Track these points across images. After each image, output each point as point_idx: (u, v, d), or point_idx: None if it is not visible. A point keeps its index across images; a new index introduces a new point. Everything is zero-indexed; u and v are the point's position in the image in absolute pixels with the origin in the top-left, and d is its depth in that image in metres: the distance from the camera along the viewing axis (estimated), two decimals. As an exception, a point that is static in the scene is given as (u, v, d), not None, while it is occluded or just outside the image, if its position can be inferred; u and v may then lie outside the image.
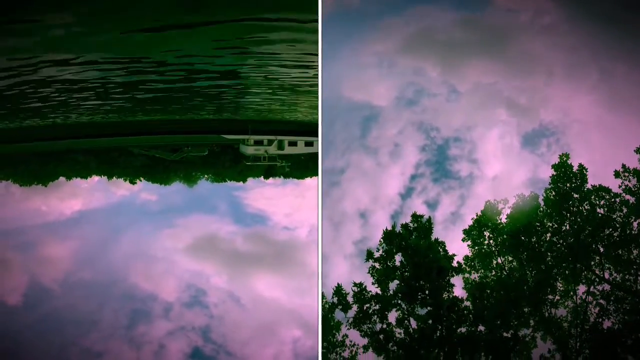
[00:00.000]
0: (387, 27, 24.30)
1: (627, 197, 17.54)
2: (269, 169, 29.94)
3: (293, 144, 26.78)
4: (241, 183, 30.81)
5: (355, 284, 18.21)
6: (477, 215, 19.33)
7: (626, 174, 17.74)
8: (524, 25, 23.56)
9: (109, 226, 26.49)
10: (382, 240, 18.89)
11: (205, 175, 31.51)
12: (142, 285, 22.70)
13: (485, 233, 19.12)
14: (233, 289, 22.99)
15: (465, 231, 19.28)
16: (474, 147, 22.81)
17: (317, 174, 27.41)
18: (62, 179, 29.44)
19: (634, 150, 18.07)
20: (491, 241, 18.94)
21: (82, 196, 28.64)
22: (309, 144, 26.79)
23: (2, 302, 20.84)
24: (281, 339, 20.69)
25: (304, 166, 28.84)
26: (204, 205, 28.98)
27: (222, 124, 25.71)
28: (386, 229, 18.86)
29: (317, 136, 26.62)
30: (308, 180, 29.76)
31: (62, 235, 25.56)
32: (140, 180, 29.73)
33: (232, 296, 22.89)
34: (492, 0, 23.92)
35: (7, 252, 22.93)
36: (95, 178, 29.89)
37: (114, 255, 24.23)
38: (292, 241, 26.06)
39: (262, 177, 30.23)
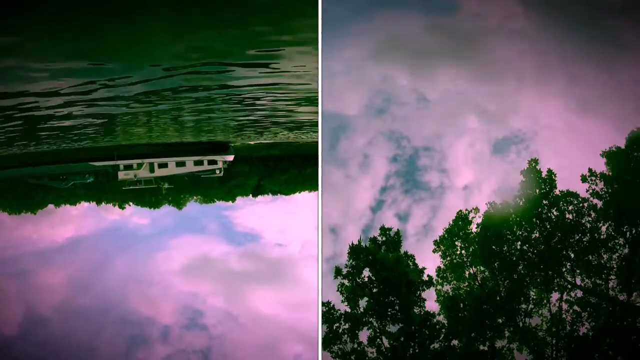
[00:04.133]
0: (356, 33, 25.45)
1: (595, 201, 18.63)
2: (257, 187, 31.55)
3: (163, 165, 28.93)
4: (230, 203, 32.80)
5: (323, 304, 18.93)
6: (449, 225, 20.29)
7: (593, 178, 18.85)
8: (493, 30, 24.93)
9: (102, 251, 27.96)
10: (349, 255, 19.70)
11: (194, 197, 33.27)
12: (139, 309, 23.81)
13: (456, 243, 20.05)
14: (231, 308, 24.25)
15: (435, 242, 20.19)
16: (444, 157, 23.90)
17: (306, 189, 29.25)
18: (50, 206, 30.81)
19: (600, 154, 19.27)
20: (463, 251, 19.87)
21: (73, 223, 30.34)
22: (180, 164, 29.08)
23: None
24: (283, 355, 21.82)
25: (292, 182, 30.29)
26: (195, 226, 31.24)
27: (92, 151, 27.73)
28: (352, 244, 19.69)
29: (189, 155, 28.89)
30: (297, 195, 31.66)
31: (55, 263, 26.85)
32: (130, 205, 31.30)
33: (230, 315, 24.13)
34: (461, 5, 25.32)
35: (1, 281, 24.10)
36: (85, 204, 31.40)
37: (109, 280, 25.48)
38: (286, 257, 27.72)
39: (251, 195, 31.87)
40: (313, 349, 17.69)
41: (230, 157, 29.87)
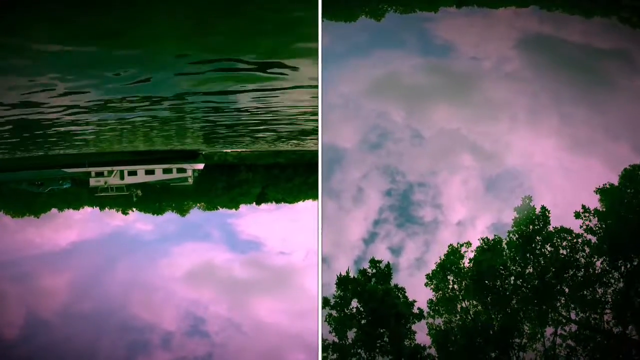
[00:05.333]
0: (354, 69, 26.19)
1: (589, 236, 18.67)
2: (261, 195, 31.94)
3: (133, 173, 29.96)
4: (234, 210, 33.40)
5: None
6: (440, 259, 20.16)
7: (587, 214, 18.97)
8: (488, 72, 25.79)
9: (105, 256, 28.08)
10: (337, 286, 19.46)
11: (198, 204, 33.95)
12: (140, 315, 23.77)
13: (449, 277, 19.85)
14: (233, 316, 24.18)
15: (428, 276, 19.99)
16: (438, 192, 24.06)
17: (310, 197, 29.46)
18: (54, 210, 31.42)
19: (594, 191, 19.49)
20: (455, 285, 19.64)
21: (76, 227, 30.68)
22: (150, 172, 30.20)
23: (0, 336, 21.99)
24: (285, 364, 21.73)
25: (297, 190, 30.68)
26: (198, 233, 31.50)
27: (63, 159, 28.87)
28: (340, 274, 19.48)
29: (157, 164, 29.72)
30: (301, 203, 32.73)
31: (58, 267, 27.06)
32: (133, 211, 31.79)
33: (233, 323, 24.01)
34: (456, 48, 26.29)
35: (2, 284, 24.41)
36: (88, 209, 31.79)
37: (111, 285, 25.54)
38: (289, 265, 27.64)
39: (255, 203, 32.20)
40: (315, 358, 17.32)
41: (200, 166, 30.57)
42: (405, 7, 27.25)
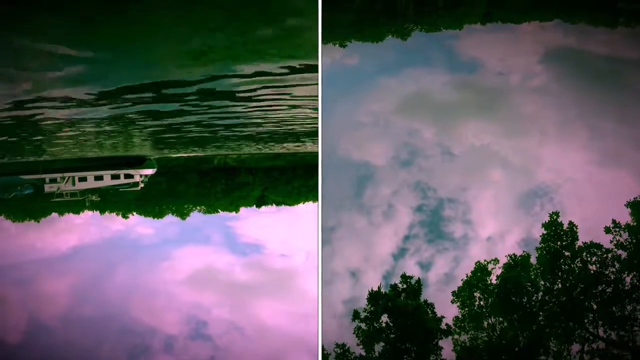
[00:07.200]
0: (383, 87, 26.51)
1: (619, 252, 18.17)
2: (261, 198, 32.16)
3: (83, 179, 30.10)
4: (234, 213, 33.28)
5: (337, 345, 18.83)
6: (467, 276, 20.11)
7: (617, 229, 18.49)
8: (515, 87, 25.53)
9: (105, 260, 28.10)
10: (368, 300, 19.73)
11: (198, 207, 33.77)
12: (142, 319, 23.77)
13: (475, 294, 19.76)
14: (235, 319, 24.01)
15: (454, 293, 19.99)
16: (468, 208, 23.95)
17: (310, 200, 29.41)
18: (54, 214, 31.28)
19: (625, 205, 18.96)
20: (482, 302, 19.53)
21: (77, 231, 30.71)
22: (99, 178, 30.24)
23: (2, 341, 22.07)
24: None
25: (296, 192, 30.76)
26: (198, 236, 31.24)
27: (18, 165, 29.11)
28: (371, 290, 19.74)
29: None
30: (301, 206, 32.44)
31: (58, 271, 27.03)
32: (133, 215, 31.91)
33: (235, 327, 23.85)
34: (483, 64, 26.19)
35: (4, 288, 24.27)
36: (89, 213, 31.64)
37: (111, 289, 25.53)
38: (290, 268, 27.35)
39: (255, 206, 32.36)
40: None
41: (149, 171, 30.62)
42: (431, 26, 27.41)
